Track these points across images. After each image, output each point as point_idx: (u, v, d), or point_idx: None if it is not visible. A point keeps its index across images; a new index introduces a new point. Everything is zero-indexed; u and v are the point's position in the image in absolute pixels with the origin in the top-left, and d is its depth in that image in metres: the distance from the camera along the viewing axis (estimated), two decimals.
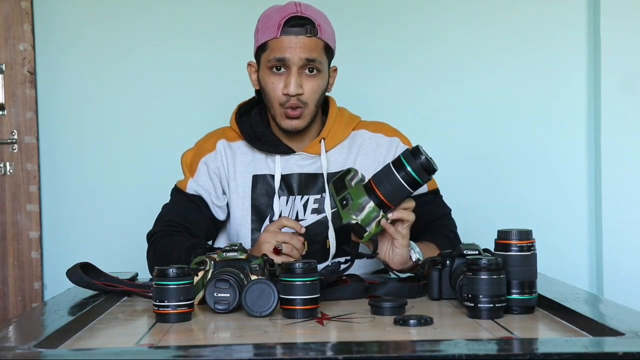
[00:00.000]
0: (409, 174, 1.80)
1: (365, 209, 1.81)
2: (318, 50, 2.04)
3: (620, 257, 3.08)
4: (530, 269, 1.63)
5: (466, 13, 3.19)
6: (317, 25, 2.04)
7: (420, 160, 1.80)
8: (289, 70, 2.04)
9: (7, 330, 1.49)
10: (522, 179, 3.18)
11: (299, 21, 2.03)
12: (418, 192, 2.15)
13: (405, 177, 1.80)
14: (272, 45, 2.04)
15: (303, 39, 2.03)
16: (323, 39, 2.05)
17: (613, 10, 3.09)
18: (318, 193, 2.13)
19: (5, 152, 3.13)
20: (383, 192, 1.81)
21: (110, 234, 3.15)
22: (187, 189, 2.15)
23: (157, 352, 1.35)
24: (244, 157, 2.15)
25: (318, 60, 2.04)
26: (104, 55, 3.17)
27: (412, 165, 1.80)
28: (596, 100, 3.12)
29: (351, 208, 1.82)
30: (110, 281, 1.87)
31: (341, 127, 2.16)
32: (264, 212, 2.13)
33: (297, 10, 2.04)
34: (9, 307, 3.12)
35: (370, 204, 1.81)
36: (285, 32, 2.02)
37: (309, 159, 2.14)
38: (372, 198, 1.82)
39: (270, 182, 2.13)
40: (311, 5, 2.09)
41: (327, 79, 2.10)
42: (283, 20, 2.03)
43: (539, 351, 1.27)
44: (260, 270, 1.72)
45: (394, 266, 1.92)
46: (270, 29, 2.04)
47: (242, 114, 2.18)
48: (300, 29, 2.03)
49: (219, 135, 2.19)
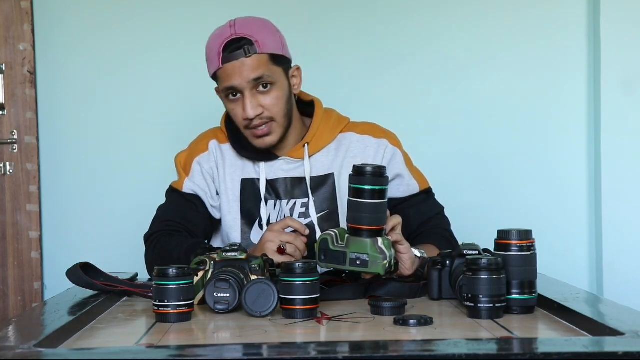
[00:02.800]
0: (370, 191, 1.71)
1: (382, 248, 1.71)
2: (263, 66, 2.03)
3: (620, 257, 3.07)
4: (530, 269, 1.63)
5: (466, 14, 3.18)
6: (255, 42, 2.02)
7: (366, 172, 1.71)
8: (242, 95, 2.04)
9: (7, 330, 1.49)
10: (522, 179, 3.18)
11: (235, 45, 2.02)
12: (410, 193, 2.16)
13: (371, 196, 1.71)
14: (219, 75, 2.05)
15: (245, 60, 2.01)
16: (265, 52, 2.03)
17: (613, 11, 3.08)
18: (304, 197, 2.13)
19: (5, 152, 3.13)
20: (368, 224, 1.71)
21: (110, 234, 3.15)
22: (184, 188, 2.15)
23: (156, 352, 1.35)
24: (233, 160, 2.16)
25: (266, 75, 2.03)
26: (104, 55, 3.17)
27: (365, 183, 1.71)
28: (596, 100, 3.12)
29: (373, 259, 1.70)
30: (110, 281, 1.87)
31: (327, 130, 2.15)
32: (254, 215, 2.13)
33: (231, 34, 2.03)
34: (9, 307, 3.12)
35: (378, 240, 1.72)
36: (226, 59, 2.02)
37: (293, 163, 2.14)
38: (367, 236, 1.72)
39: (257, 186, 2.13)
40: (249, 17, 2.08)
41: (286, 86, 2.08)
42: (221, 48, 2.02)
43: (538, 351, 1.27)
44: (260, 270, 1.72)
45: (407, 272, 1.85)
46: (212, 60, 2.05)
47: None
48: (238, 52, 2.02)
49: (210, 136, 2.19)
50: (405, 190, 2.15)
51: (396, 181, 2.15)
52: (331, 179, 2.12)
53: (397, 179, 2.15)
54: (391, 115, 3.00)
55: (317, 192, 2.12)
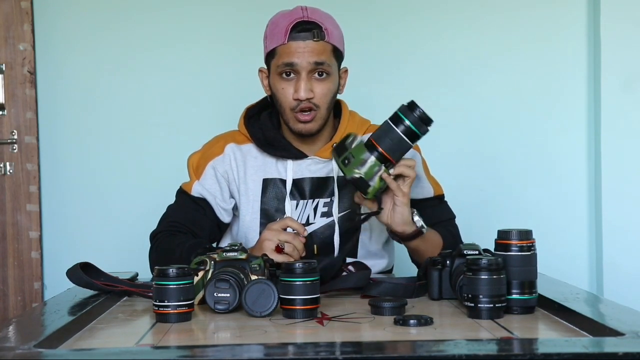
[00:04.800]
0: (407, 126, 1.87)
1: (367, 164, 1.88)
2: (326, 54, 2.05)
3: (620, 257, 3.07)
4: (531, 269, 1.63)
5: (466, 15, 3.18)
6: (324, 29, 2.04)
7: (417, 112, 1.86)
8: (298, 75, 2.05)
9: (7, 330, 1.49)
10: (522, 179, 3.18)
11: (305, 26, 2.04)
12: (424, 196, 2.16)
13: (405, 130, 1.87)
14: (280, 51, 2.05)
15: (310, 43, 2.03)
16: (331, 42, 2.06)
17: (613, 10, 3.08)
18: (328, 197, 2.13)
19: (5, 152, 3.13)
20: (383, 147, 1.87)
21: (110, 234, 3.15)
22: (192, 191, 2.15)
23: (157, 352, 1.35)
24: (255, 161, 2.15)
25: (327, 63, 2.05)
26: (104, 55, 3.17)
27: (409, 118, 1.86)
28: (596, 100, 3.12)
29: (353, 164, 1.88)
30: (111, 281, 1.87)
31: (353, 130, 2.15)
32: (273, 215, 2.13)
33: (303, 15, 2.05)
34: (9, 307, 3.12)
35: (372, 158, 1.88)
36: (293, 38, 2.03)
37: (321, 163, 2.14)
38: (373, 153, 1.88)
39: (280, 186, 2.13)
40: (318, 8, 2.09)
41: (337, 81, 2.11)
42: (290, 26, 2.03)
43: (539, 351, 1.27)
44: (261, 270, 1.72)
45: (395, 227, 1.95)
46: (278, 35, 2.05)
47: (251, 117, 2.18)
48: (307, 33, 2.03)
49: (227, 138, 2.19)
50: (419, 193, 2.15)
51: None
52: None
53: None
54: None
55: (342, 191, 2.13)
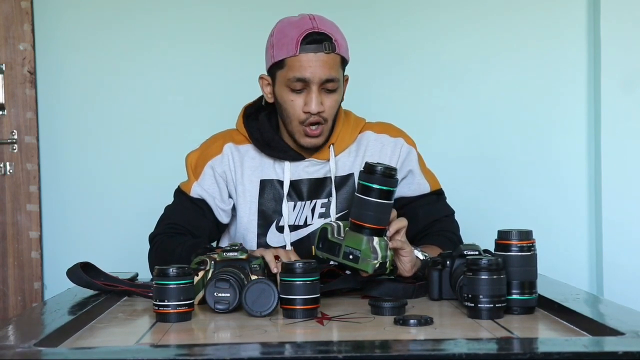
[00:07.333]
0: (378, 190, 1.72)
1: (376, 247, 1.73)
2: (336, 67, 2.02)
3: (620, 257, 3.07)
4: (531, 269, 1.63)
5: (467, 15, 3.18)
6: (335, 41, 2.01)
7: (377, 171, 1.72)
8: (309, 89, 2.02)
9: (7, 329, 1.49)
10: (523, 179, 3.18)
11: (316, 37, 2.00)
12: (421, 192, 2.16)
13: (378, 195, 1.72)
14: (290, 63, 2.01)
15: (322, 55, 2.00)
16: (340, 54, 2.03)
17: (613, 10, 3.08)
18: (325, 198, 2.13)
19: (5, 152, 3.13)
20: (371, 222, 1.73)
21: (110, 234, 3.15)
22: (191, 192, 2.13)
23: (156, 351, 1.35)
24: (252, 162, 2.14)
25: (336, 78, 2.02)
26: (104, 55, 3.17)
27: (375, 182, 1.72)
28: (596, 100, 3.12)
29: (364, 256, 1.73)
30: (111, 281, 1.87)
31: (348, 130, 2.15)
32: (271, 217, 2.12)
33: (313, 26, 2.00)
34: (9, 307, 3.12)
35: (374, 239, 1.73)
36: (304, 50, 1.99)
37: (318, 164, 2.13)
38: (367, 233, 1.74)
39: (277, 187, 2.12)
40: (323, 17, 2.05)
41: (342, 92, 2.09)
42: (301, 37, 1.99)
43: (539, 350, 1.27)
44: (261, 270, 1.72)
45: (407, 274, 1.86)
46: (288, 46, 2.00)
47: (249, 116, 2.16)
48: (318, 45, 1.99)
49: (225, 138, 2.16)
50: (416, 189, 2.15)
51: (407, 179, 2.15)
52: (352, 179, 2.12)
53: (408, 176, 2.15)
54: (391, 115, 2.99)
55: (339, 192, 2.12)
